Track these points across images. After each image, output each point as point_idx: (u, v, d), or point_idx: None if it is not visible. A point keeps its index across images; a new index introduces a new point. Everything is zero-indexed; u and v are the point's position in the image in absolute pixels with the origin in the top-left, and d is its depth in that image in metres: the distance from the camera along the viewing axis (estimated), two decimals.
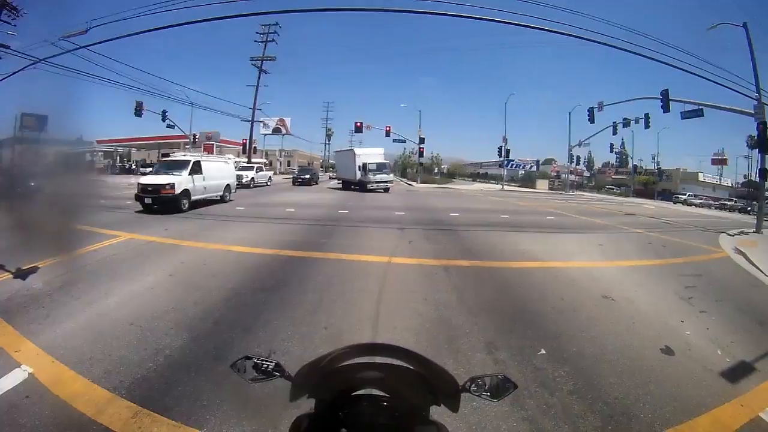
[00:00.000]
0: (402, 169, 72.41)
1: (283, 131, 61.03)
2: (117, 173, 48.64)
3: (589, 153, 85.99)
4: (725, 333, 5.04)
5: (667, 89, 22.69)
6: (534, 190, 51.91)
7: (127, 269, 6.91)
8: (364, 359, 1.15)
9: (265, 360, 1.32)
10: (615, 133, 41.36)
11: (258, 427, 2.81)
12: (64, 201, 4.09)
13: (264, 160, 60.39)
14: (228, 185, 18.36)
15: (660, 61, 22.07)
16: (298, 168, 53.42)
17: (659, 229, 16.00)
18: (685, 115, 23.93)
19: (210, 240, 9.61)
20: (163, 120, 37.83)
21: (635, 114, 39.49)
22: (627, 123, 37.23)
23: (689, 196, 49.31)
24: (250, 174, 31.60)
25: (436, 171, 68.29)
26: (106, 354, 3.84)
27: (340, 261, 7.93)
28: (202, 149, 45.36)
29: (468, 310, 5.40)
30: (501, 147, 47.70)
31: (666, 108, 22.92)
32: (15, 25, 23.26)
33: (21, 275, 6.05)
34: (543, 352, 4.17)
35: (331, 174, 58.09)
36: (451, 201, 25.41)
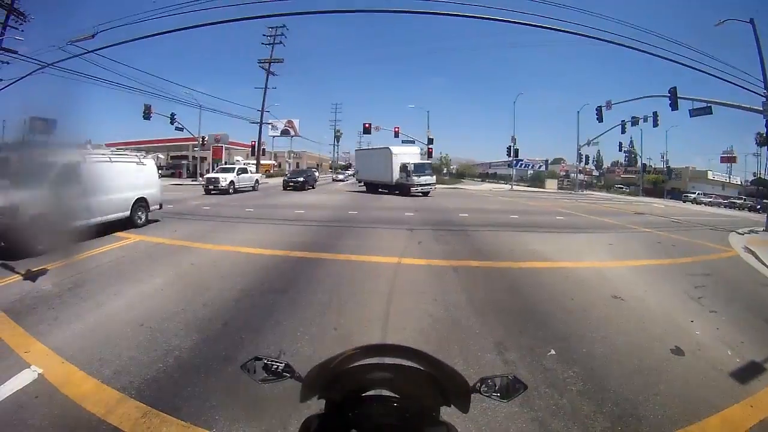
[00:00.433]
0: None
1: (292, 133, 60.97)
2: None
3: (598, 152, 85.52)
4: (735, 333, 4.97)
5: (675, 87, 22.48)
6: (543, 189, 51.67)
7: (137, 271, 6.96)
8: (373, 360, 1.15)
9: (275, 361, 1.32)
10: (624, 132, 41.24)
11: (267, 428, 2.81)
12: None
13: (273, 161, 60.35)
14: (139, 200, 11.51)
15: (668, 59, 21.84)
16: (290, 170, 48.56)
17: (668, 228, 15.87)
18: (694, 113, 23.73)
19: (220, 241, 9.66)
20: (172, 123, 37.87)
21: (644, 112, 39.11)
22: (636, 121, 37.05)
23: (698, 194, 48.73)
24: (228, 177, 26.93)
25: (445, 171, 67.99)
26: (115, 355, 3.87)
27: (349, 262, 7.94)
28: (210, 151, 45.52)
29: (478, 310, 5.38)
30: (510, 147, 47.41)
31: (674, 106, 22.66)
32: (22, 30, 23.56)
33: (31, 277, 6.13)
34: (553, 352, 4.15)
35: (335, 176, 57.55)
36: (461, 201, 25.39)
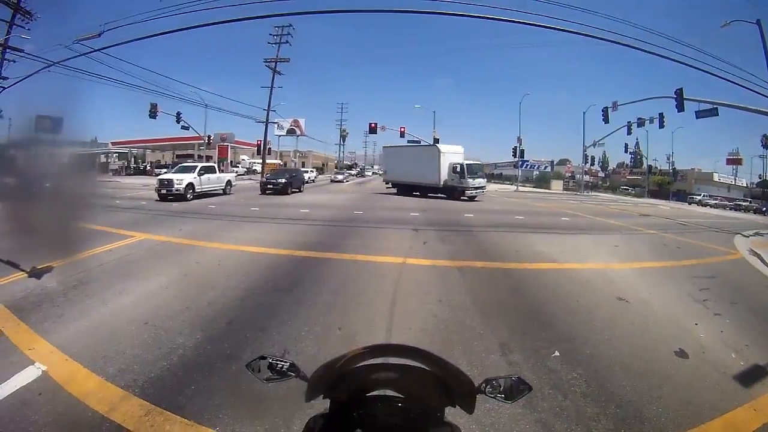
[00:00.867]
0: None
1: (298, 132, 60.86)
2: (131, 174, 49.32)
3: (604, 153, 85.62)
4: (740, 336, 4.94)
5: (681, 88, 22.33)
6: (548, 190, 51.52)
7: (142, 269, 6.98)
8: (378, 360, 1.15)
9: (280, 360, 1.32)
10: (629, 133, 41.18)
11: (271, 427, 2.81)
12: (73, 201, 4.14)
13: (279, 161, 59.98)
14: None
15: (674, 60, 21.79)
16: (269, 171, 36.53)
17: (674, 230, 15.77)
18: (700, 115, 23.63)
19: (225, 240, 9.67)
20: (178, 121, 37.95)
21: (650, 114, 38.91)
22: (641, 123, 36.88)
23: (704, 196, 48.51)
24: (186, 178, 19.85)
25: None
26: (119, 352, 3.88)
27: (354, 262, 7.93)
28: (216, 150, 45.52)
29: (482, 311, 5.37)
30: (515, 147, 47.27)
31: (680, 107, 22.51)
32: (29, 29, 23.75)
33: (35, 274, 6.15)
34: (557, 354, 4.13)
35: (333, 177, 51.63)
36: (466, 202, 25.29)
